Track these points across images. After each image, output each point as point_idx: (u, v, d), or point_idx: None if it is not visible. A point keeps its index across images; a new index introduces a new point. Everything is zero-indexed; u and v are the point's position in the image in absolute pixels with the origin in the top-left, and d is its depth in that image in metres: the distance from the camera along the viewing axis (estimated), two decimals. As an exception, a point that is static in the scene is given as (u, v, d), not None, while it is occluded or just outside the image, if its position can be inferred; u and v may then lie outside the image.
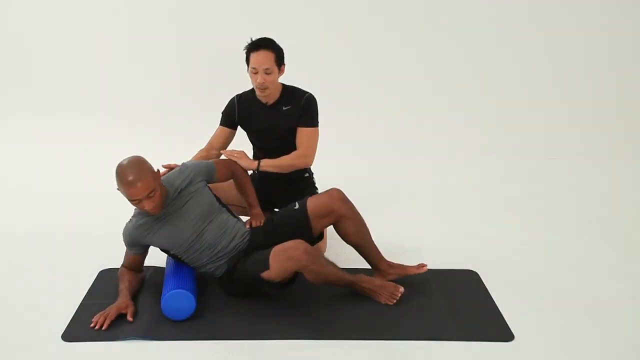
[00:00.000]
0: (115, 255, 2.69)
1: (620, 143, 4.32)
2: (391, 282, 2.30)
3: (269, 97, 2.57)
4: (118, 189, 2.13)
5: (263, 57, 2.43)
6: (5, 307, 2.30)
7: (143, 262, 2.39)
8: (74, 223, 3.13)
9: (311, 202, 2.34)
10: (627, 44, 4.44)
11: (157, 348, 2.04)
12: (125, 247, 2.33)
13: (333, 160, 2.82)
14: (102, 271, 2.57)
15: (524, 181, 3.83)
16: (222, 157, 2.61)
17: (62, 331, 2.12)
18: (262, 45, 2.45)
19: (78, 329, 2.13)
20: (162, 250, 2.32)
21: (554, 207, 3.38)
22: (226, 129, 2.69)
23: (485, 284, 2.45)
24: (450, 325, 2.16)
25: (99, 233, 2.98)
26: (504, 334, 2.11)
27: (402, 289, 2.26)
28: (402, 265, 2.42)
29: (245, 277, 2.22)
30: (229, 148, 2.69)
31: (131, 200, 2.11)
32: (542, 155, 4.24)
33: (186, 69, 4.53)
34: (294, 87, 2.67)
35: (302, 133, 2.60)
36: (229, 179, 2.52)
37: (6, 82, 4.60)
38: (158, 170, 2.23)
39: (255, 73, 2.46)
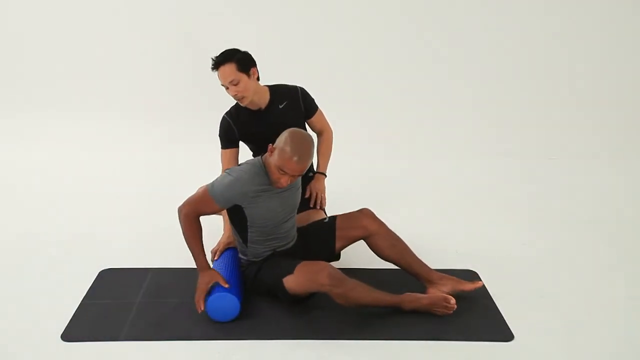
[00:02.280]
0: (115, 255, 2.70)
1: (620, 143, 4.33)
2: (439, 294, 2.22)
3: (256, 102, 2.57)
4: (275, 148, 2.11)
5: (224, 72, 2.45)
6: (5, 307, 2.30)
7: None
8: (74, 223, 3.13)
9: (341, 215, 2.39)
10: (627, 44, 4.44)
11: (157, 348, 2.04)
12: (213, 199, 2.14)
13: (333, 160, 2.82)
14: (102, 271, 2.57)
15: (524, 181, 3.83)
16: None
17: (62, 331, 2.12)
18: (220, 61, 2.46)
19: (78, 329, 2.13)
20: (233, 216, 2.24)
21: (554, 207, 3.38)
22: (232, 150, 2.66)
23: (485, 284, 2.44)
24: (450, 325, 2.15)
25: (99, 233, 2.99)
26: (504, 334, 2.12)
27: (453, 300, 2.19)
28: (457, 279, 2.34)
29: (268, 276, 2.22)
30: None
31: (280, 169, 2.08)
32: (542, 155, 4.25)
33: (187, 69, 4.53)
34: (279, 84, 2.68)
35: (317, 119, 2.75)
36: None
37: (6, 82, 4.60)
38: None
39: (227, 88, 2.50)
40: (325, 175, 2.73)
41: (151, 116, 4.51)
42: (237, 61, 2.45)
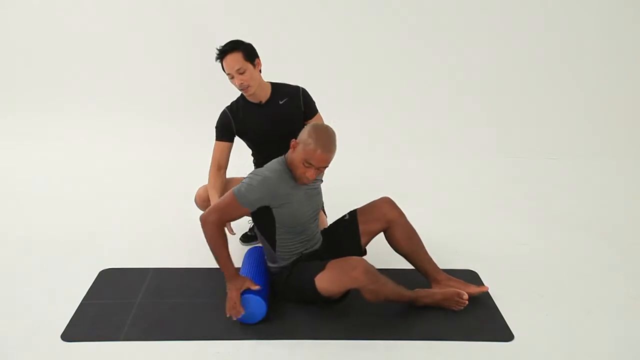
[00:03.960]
0: (115, 255, 2.70)
1: (620, 143, 4.33)
2: (452, 290, 2.25)
3: (259, 95, 2.58)
4: (299, 143, 2.12)
5: (231, 60, 2.46)
6: (5, 307, 2.30)
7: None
8: (74, 223, 3.13)
9: (362, 210, 2.38)
10: (627, 43, 4.44)
11: (157, 348, 2.04)
12: (239, 200, 2.10)
13: (333, 160, 2.81)
14: (102, 271, 2.57)
15: (524, 181, 3.83)
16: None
17: (62, 331, 2.12)
18: (227, 49, 2.47)
19: (78, 329, 2.14)
20: (258, 218, 2.22)
21: (553, 207, 3.38)
22: (225, 143, 2.66)
23: (485, 284, 2.44)
24: (450, 325, 2.16)
25: (99, 233, 2.99)
26: (504, 334, 2.12)
27: (466, 295, 2.23)
28: (463, 282, 2.36)
29: (298, 279, 2.19)
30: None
31: (305, 162, 2.09)
32: (542, 155, 4.25)
33: (187, 69, 4.54)
34: (281, 83, 2.69)
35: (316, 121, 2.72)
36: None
37: (7, 82, 4.61)
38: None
39: (232, 77, 2.50)
40: (321, 180, 2.71)
41: (152, 116, 4.51)
42: (244, 50, 2.48)
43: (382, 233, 2.39)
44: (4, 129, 4.49)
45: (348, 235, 2.36)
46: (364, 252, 2.42)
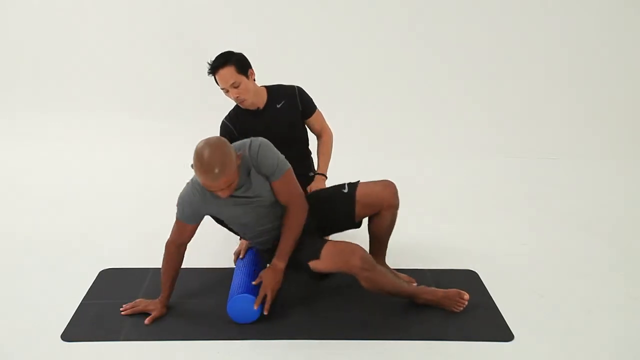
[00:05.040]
0: (115, 256, 2.70)
1: (620, 142, 4.33)
2: (454, 290, 2.24)
3: (255, 103, 2.57)
4: (192, 167, 1.96)
5: (224, 75, 2.44)
6: (5, 307, 2.30)
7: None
8: (74, 223, 3.13)
9: (362, 190, 2.31)
10: (627, 43, 4.44)
11: (157, 348, 2.05)
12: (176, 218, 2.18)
13: (332, 160, 2.81)
14: (102, 271, 2.57)
15: (524, 181, 3.83)
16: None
17: (62, 331, 2.12)
18: (219, 64, 2.44)
19: (78, 329, 2.14)
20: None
21: (553, 207, 3.38)
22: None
23: (485, 284, 2.45)
24: (450, 325, 2.16)
25: (99, 233, 2.99)
26: (504, 334, 2.12)
27: (467, 295, 2.22)
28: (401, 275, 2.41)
29: (292, 259, 2.17)
30: None
31: (207, 188, 1.97)
32: (542, 155, 4.25)
33: (188, 69, 4.54)
34: (276, 85, 2.68)
35: (316, 119, 2.72)
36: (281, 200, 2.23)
37: (7, 82, 4.61)
38: (238, 155, 2.01)
39: (227, 92, 2.49)
40: (326, 177, 2.72)
41: (152, 116, 4.51)
42: (236, 63, 2.44)
43: None
44: (4, 129, 4.49)
45: (343, 209, 2.32)
46: (359, 224, 2.41)
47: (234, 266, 2.42)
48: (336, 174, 2.91)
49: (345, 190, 2.33)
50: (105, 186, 3.66)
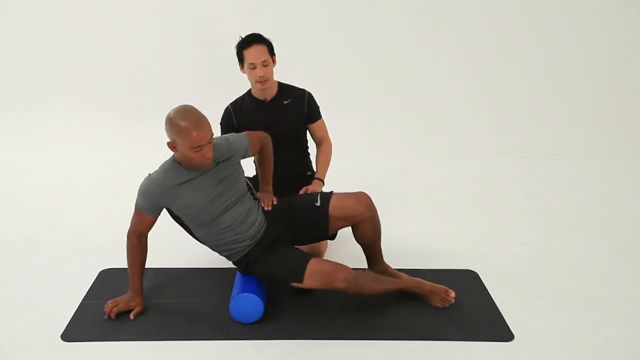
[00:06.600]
0: (115, 256, 2.69)
1: (620, 143, 4.32)
2: (441, 286, 2.28)
3: (269, 90, 2.61)
4: (172, 141, 2.06)
5: (258, 51, 2.49)
6: (5, 307, 2.30)
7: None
8: (74, 223, 3.13)
9: (335, 203, 2.29)
10: (627, 43, 4.44)
11: (157, 348, 2.05)
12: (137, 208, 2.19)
13: (332, 160, 2.82)
14: (102, 271, 2.57)
15: (523, 181, 3.83)
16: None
17: (62, 331, 2.12)
18: (254, 40, 2.50)
19: (78, 329, 2.14)
20: (177, 220, 2.28)
21: (553, 207, 3.38)
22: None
23: (485, 284, 2.45)
24: (450, 325, 2.16)
25: (99, 233, 2.99)
26: (504, 334, 2.12)
27: (453, 294, 2.26)
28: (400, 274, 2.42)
29: (271, 276, 2.21)
30: None
31: (194, 147, 2.01)
32: (542, 155, 4.24)
33: (188, 69, 4.54)
34: (289, 84, 2.72)
35: (319, 127, 2.75)
36: (257, 153, 2.46)
37: (6, 82, 4.61)
38: None
39: (254, 68, 2.50)
40: (323, 183, 2.71)
41: (152, 116, 4.49)
42: (268, 44, 2.53)
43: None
44: (4, 129, 4.49)
45: (315, 222, 2.30)
46: (333, 237, 2.44)
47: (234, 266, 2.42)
48: (336, 174, 2.91)
49: (318, 204, 2.30)
50: (105, 186, 3.66)
